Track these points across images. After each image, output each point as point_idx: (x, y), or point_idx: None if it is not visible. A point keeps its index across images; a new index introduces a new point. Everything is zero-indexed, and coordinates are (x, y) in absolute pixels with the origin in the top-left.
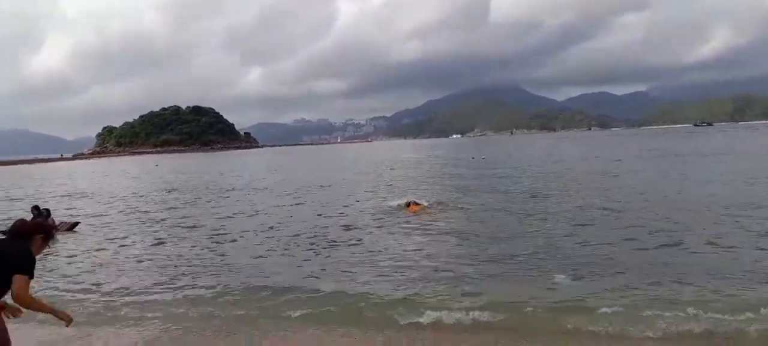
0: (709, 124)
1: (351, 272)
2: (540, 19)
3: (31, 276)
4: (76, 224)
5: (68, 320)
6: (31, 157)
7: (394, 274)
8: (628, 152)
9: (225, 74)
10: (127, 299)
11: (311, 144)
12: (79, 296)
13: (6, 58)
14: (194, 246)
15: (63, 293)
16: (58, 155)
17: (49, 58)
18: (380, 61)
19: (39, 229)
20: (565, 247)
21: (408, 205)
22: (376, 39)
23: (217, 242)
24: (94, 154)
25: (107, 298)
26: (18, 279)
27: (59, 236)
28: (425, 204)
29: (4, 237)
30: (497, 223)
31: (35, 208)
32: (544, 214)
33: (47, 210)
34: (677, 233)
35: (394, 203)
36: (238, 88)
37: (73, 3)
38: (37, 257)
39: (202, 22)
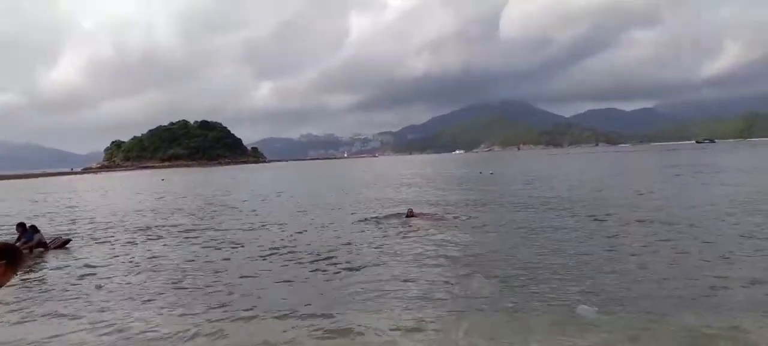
0: (712, 141)
1: (344, 295)
2: (549, 35)
3: None
4: (68, 241)
5: None
6: (39, 171)
7: (386, 297)
8: (642, 168)
9: (237, 88)
10: (103, 332)
11: (318, 159)
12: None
13: (21, 73)
14: (188, 269)
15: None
16: (69, 169)
17: (65, 72)
18: (388, 77)
19: None
20: (588, 272)
21: (408, 214)
22: (386, 55)
23: (210, 264)
24: (102, 168)
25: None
26: None
27: (50, 254)
28: (426, 212)
29: None
30: (507, 241)
31: (20, 225)
32: (561, 233)
33: (33, 226)
34: (713, 258)
35: (395, 212)
36: (249, 101)
37: (91, 16)
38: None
39: (219, 36)
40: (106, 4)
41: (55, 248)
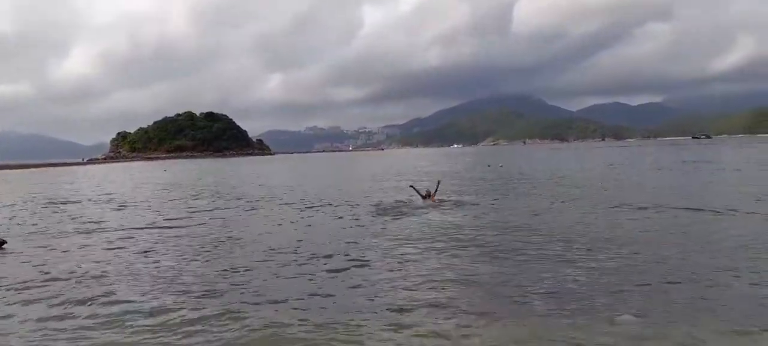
0: (708, 137)
1: (366, 287)
2: (563, 29)
3: None
4: (3, 243)
5: None
6: (43, 162)
7: (401, 297)
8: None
9: (247, 80)
10: None
11: (323, 151)
12: None
13: (34, 66)
14: (166, 264)
15: None
16: (80, 159)
17: (76, 63)
18: (398, 70)
19: None
20: (628, 275)
21: (427, 195)
22: (397, 48)
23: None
24: (107, 159)
25: None
26: None
27: None
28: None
29: None
30: (531, 239)
31: None
32: (590, 230)
33: None
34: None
35: (414, 196)
36: (258, 93)
37: (104, 9)
38: None
39: (233, 29)
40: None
41: None
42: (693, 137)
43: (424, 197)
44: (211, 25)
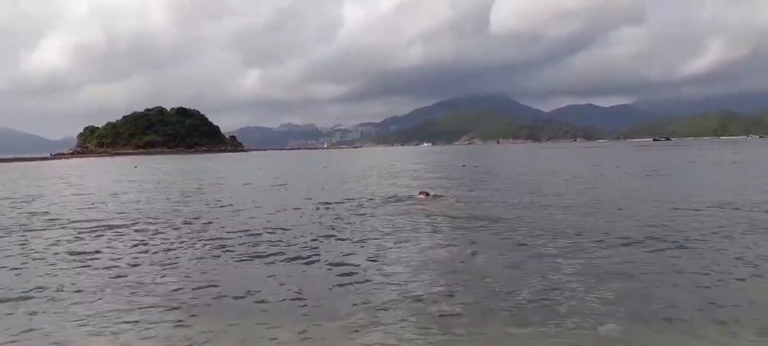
0: (668, 139)
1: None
2: (539, 31)
3: None
4: None
5: None
6: (11, 156)
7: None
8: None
9: (225, 76)
10: None
11: (297, 149)
12: None
13: (7, 59)
14: (138, 268)
15: None
16: (47, 154)
17: (49, 55)
18: (377, 68)
19: None
20: (613, 282)
21: (421, 193)
22: (376, 46)
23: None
24: (74, 154)
25: None
26: None
27: None
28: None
29: None
30: (516, 246)
31: None
32: (575, 236)
33: None
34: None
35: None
36: (235, 89)
37: (77, 1)
38: None
39: (211, 23)
40: None
41: None
42: (653, 139)
43: (421, 195)
44: (189, 18)
